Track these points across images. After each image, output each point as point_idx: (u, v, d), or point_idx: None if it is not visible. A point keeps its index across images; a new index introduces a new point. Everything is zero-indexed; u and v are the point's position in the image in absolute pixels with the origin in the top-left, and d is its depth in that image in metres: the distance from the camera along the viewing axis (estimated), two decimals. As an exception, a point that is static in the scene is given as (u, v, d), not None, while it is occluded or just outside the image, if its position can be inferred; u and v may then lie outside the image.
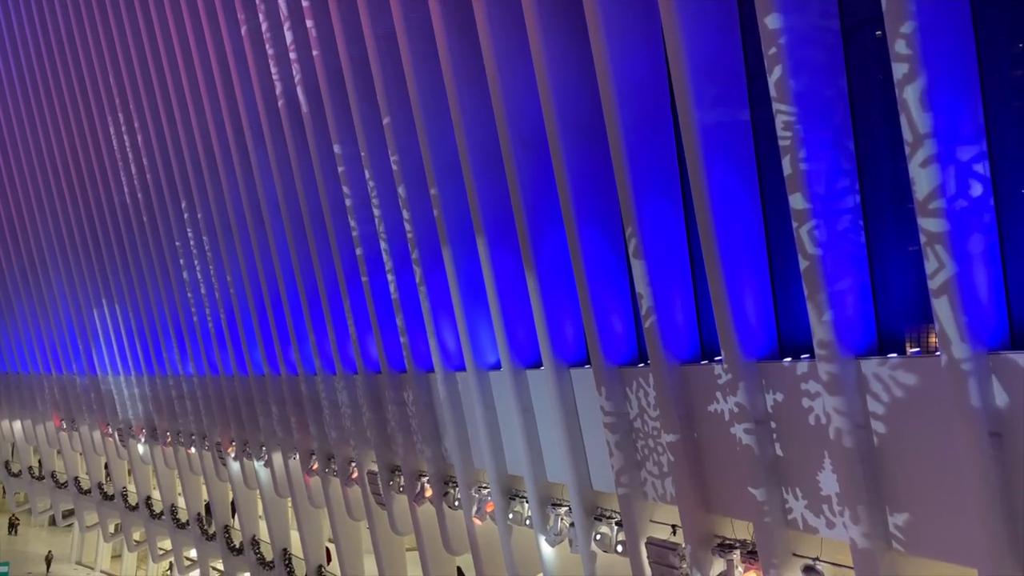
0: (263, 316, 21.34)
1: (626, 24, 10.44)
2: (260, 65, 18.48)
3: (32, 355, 38.22)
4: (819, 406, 9.16)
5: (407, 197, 15.07)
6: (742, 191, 9.87)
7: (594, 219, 11.55)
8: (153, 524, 32.64)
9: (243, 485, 25.49)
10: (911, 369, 8.32)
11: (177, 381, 26.93)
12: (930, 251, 7.66)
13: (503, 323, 13.38)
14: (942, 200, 7.56)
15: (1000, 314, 7.86)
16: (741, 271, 9.78)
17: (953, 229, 7.57)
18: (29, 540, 44.60)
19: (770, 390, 9.70)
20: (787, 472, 9.72)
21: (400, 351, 17.04)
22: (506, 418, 14.35)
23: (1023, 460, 7.53)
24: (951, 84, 7.71)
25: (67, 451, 38.23)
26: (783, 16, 8.53)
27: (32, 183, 32.59)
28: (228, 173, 20.90)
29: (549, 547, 13.83)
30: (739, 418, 9.89)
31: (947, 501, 8.18)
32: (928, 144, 7.56)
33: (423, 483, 17.02)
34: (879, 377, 8.55)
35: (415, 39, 13.87)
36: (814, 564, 9.71)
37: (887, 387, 8.52)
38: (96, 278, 29.85)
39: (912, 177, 7.72)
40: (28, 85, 31.21)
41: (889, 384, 8.50)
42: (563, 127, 11.34)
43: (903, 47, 7.60)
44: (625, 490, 11.84)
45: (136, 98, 24.38)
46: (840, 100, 8.89)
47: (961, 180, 7.70)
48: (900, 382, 8.40)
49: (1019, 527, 7.62)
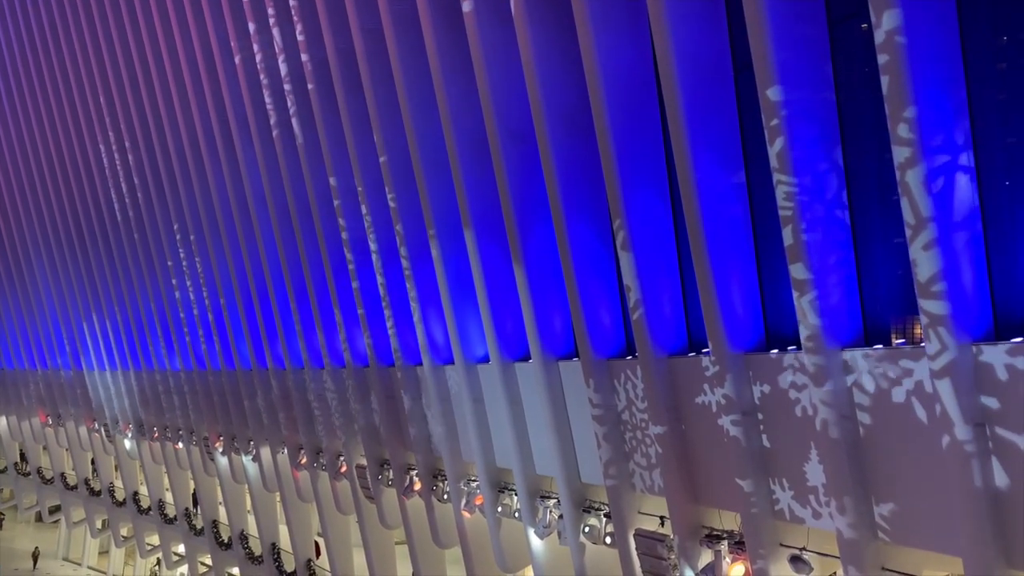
0: (250, 310, 21.26)
1: (613, 16, 10.43)
2: (246, 58, 18.37)
3: (17, 350, 37.94)
4: (805, 397, 9.22)
5: (394, 190, 15.02)
6: (729, 183, 9.89)
7: (582, 211, 11.55)
8: (141, 519, 32.52)
9: (231, 480, 25.42)
10: (896, 360, 8.37)
11: (164, 376, 26.81)
12: (915, 242, 7.70)
13: (491, 316, 13.38)
14: (927, 192, 7.60)
15: (984, 305, 7.92)
16: (728, 263, 9.81)
17: (938, 221, 7.62)
18: (16, 537, 44.34)
19: (757, 382, 9.74)
20: (774, 463, 9.78)
21: (388, 344, 17.01)
22: (494, 411, 14.36)
23: (1007, 450, 7.61)
24: (935, 77, 7.74)
25: (53, 447, 38.01)
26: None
27: (16, 178, 32.30)
28: (214, 166, 20.78)
29: (538, 539, 13.86)
30: (726, 410, 9.93)
31: (932, 491, 8.25)
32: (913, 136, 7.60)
33: (412, 476, 17.02)
34: (865, 368, 8.61)
35: (402, 31, 13.81)
36: (801, 554, 9.77)
37: (873, 378, 8.57)
38: (81, 273, 29.64)
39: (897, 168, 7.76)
40: (12, 82, 30.90)
41: (875, 375, 8.55)
42: (550, 119, 11.32)
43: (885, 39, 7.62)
44: (613, 482, 11.88)
45: (120, 92, 24.19)
46: (827, 91, 8.91)
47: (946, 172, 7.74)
48: (886, 373, 8.46)
49: (1002, 516, 7.70)
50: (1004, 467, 7.65)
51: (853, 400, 8.74)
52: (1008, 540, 7.72)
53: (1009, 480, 7.63)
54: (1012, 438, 7.56)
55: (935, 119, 7.70)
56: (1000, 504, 7.70)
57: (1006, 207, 7.97)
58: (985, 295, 7.93)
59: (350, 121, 15.75)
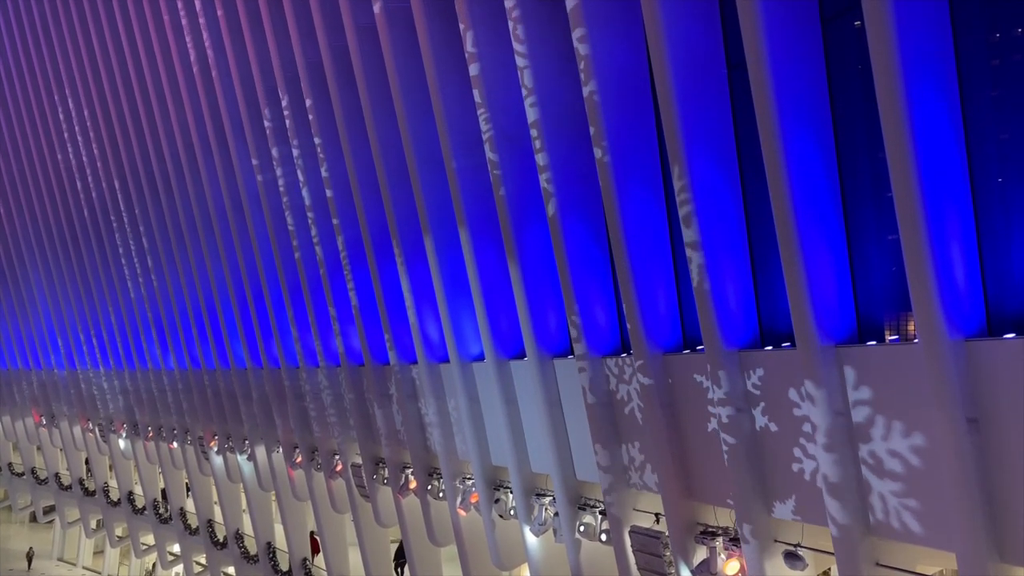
0: (245, 309, 21.23)
1: (607, 14, 10.44)
2: (239, 56, 18.34)
3: (11, 350, 37.81)
4: (799, 394, 9.25)
5: (389, 188, 15.02)
6: (723, 181, 9.92)
7: (576, 210, 11.57)
8: (136, 519, 32.46)
9: (226, 479, 25.39)
10: (890, 356, 8.40)
11: (158, 375, 26.75)
12: (908, 239, 7.73)
13: (486, 314, 13.39)
14: (920, 188, 7.63)
15: (977, 301, 7.96)
16: (722, 260, 9.84)
17: (931, 217, 7.65)
18: (10, 537, 44.22)
19: (751, 378, 9.77)
20: (768, 460, 9.81)
21: (383, 343, 17.01)
22: (490, 409, 14.38)
23: (1000, 445, 7.65)
24: (928, 74, 7.77)
25: (47, 447, 37.91)
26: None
27: (8, 178, 32.19)
28: (208, 165, 20.75)
29: (534, 537, 13.89)
30: (721, 406, 9.96)
31: (926, 487, 8.28)
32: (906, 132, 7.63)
33: (407, 475, 17.03)
34: (858, 364, 8.64)
35: (396, 30, 13.81)
36: (795, 550, 9.82)
37: (866, 374, 8.60)
38: (75, 272, 29.56)
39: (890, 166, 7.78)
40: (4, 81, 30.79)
41: (868, 371, 8.58)
42: (545, 118, 11.33)
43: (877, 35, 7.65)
44: (608, 479, 11.91)
45: (114, 91, 24.13)
46: (820, 88, 8.94)
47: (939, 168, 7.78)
48: (879, 369, 8.49)
49: (996, 511, 7.74)
50: (997, 462, 7.69)
51: (847, 396, 8.77)
52: (1001, 535, 7.76)
53: (1002, 475, 7.67)
54: (1005, 433, 7.60)
55: (928, 116, 7.73)
56: (993, 499, 7.74)
57: (999, 203, 8.00)
58: (978, 290, 7.97)
59: (344, 120, 15.74)
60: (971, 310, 7.91)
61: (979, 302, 7.97)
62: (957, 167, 7.91)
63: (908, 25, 7.62)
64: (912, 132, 7.61)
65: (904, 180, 7.66)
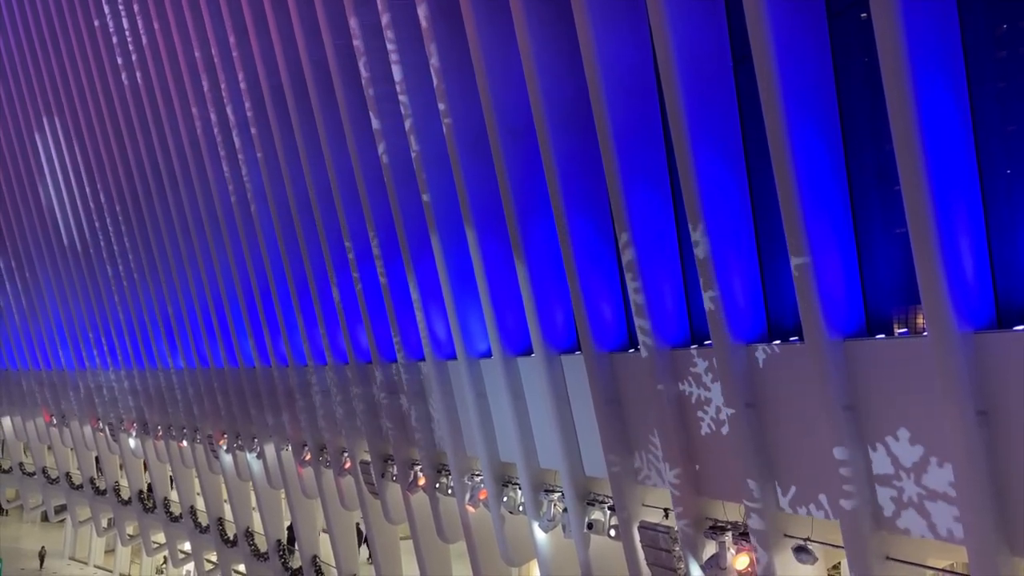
0: (252, 308, 21.28)
1: (612, 10, 10.42)
2: (245, 54, 18.35)
3: (20, 351, 38.00)
4: (807, 388, 9.22)
5: (395, 186, 15.03)
6: (729, 175, 9.89)
7: (582, 206, 11.55)
8: (146, 518, 32.62)
9: (236, 477, 25.48)
10: (899, 350, 8.38)
11: (167, 374, 26.86)
12: (916, 232, 7.70)
13: (493, 311, 13.39)
14: (928, 181, 7.60)
15: (986, 294, 7.93)
16: (728, 256, 9.82)
17: (939, 210, 7.62)
18: (22, 536, 44.48)
19: (760, 373, 9.75)
20: (777, 454, 9.79)
21: (390, 340, 17.03)
22: (498, 405, 14.39)
23: (1010, 438, 7.62)
24: (935, 66, 7.74)
25: (58, 446, 38.10)
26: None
27: (17, 179, 32.32)
28: (214, 164, 20.79)
29: (542, 533, 13.90)
30: (729, 402, 9.95)
31: (936, 480, 8.26)
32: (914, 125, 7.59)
33: (416, 472, 17.06)
34: (867, 358, 8.61)
35: (400, 27, 13.80)
36: (805, 544, 9.80)
37: (875, 368, 8.58)
38: (84, 272, 29.67)
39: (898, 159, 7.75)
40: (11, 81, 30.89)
41: (877, 365, 8.56)
42: (550, 113, 11.32)
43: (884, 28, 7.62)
44: (617, 474, 11.90)
45: (119, 88, 24.18)
46: (827, 81, 8.90)
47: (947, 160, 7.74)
48: (888, 363, 8.47)
49: (1007, 504, 7.72)
50: (1007, 454, 7.66)
51: (856, 390, 8.75)
52: (1011, 528, 7.73)
53: (1012, 467, 7.64)
54: (1015, 425, 7.57)
55: (935, 108, 7.69)
56: (1003, 492, 7.71)
57: (1007, 195, 7.96)
58: (987, 283, 7.93)
59: (348, 117, 15.75)
60: (980, 302, 7.88)
61: (988, 294, 7.94)
62: (965, 159, 7.87)
63: (915, 18, 7.58)
64: (919, 124, 7.57)
65: (912, 173, 7.63)
